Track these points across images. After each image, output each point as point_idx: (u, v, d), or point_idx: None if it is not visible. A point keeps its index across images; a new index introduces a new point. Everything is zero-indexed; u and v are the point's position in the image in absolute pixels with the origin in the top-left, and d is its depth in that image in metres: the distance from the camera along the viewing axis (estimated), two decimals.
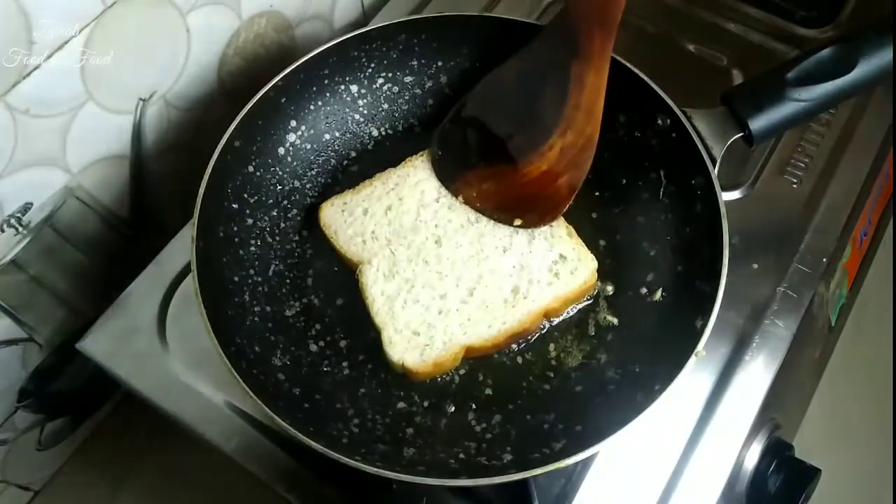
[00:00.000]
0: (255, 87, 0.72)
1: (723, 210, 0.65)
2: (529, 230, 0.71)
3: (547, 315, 0.69)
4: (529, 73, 0.71)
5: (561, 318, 0.70)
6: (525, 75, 0.71)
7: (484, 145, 0.72)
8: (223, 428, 0.70)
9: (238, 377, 0.59)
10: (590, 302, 0.70)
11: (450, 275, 0.69)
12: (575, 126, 0.68)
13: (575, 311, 0.70)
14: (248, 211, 0.72)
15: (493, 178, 0.71)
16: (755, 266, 0.75)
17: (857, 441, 1.12)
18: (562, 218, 0.72)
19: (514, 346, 0.69)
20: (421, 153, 0.75)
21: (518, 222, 0.70)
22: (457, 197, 0.72)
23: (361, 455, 0.57)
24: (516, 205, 0.71)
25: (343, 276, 0.72)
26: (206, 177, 0.68)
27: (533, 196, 0.70)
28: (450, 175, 0.73)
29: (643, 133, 0.73)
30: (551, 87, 0.69)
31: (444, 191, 0.73)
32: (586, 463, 0.67)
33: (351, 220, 0.72)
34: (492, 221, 0.71)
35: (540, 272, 0.69)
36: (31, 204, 0.72)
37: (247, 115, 0.71)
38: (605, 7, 0.65)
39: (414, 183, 0.74)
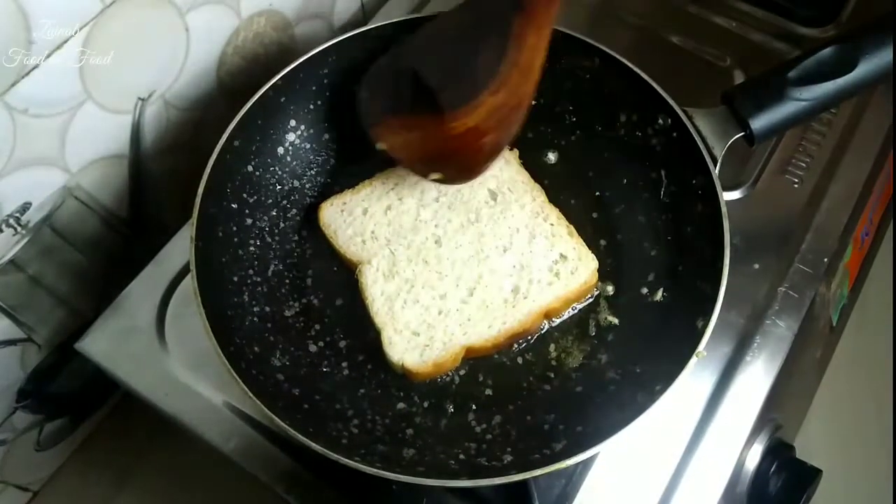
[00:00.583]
0: (254, 87, 0.72)
1: (724, 210, 0.65)
2: (530, 229, 0.70)
3: (547, 315, 0.69)
4: (469, 23, 0.67)
5: (561, 318, 0.70)
6: (464, 25, 0.68)
7: (413, 92, 0.68)
8: (222, 428, 0.69)
9: (237, 377, 0.59)
10: (590, 302, 0.70)
11: (450, 275, 0.69)
12: (509, 84, 0.65)
13: (575, 311, 0.70)
14: (247, 211, 0.72)
15: (418, 128, 0.68)
16: (756, 266, 0.75)
17: (859, 442, 1.11)
18: (562, 217, 0.71)
19: (514, 346, 0.68)
20: None
21: (434, 176, 0.69)
22: (377, 141, 0.70)
23: (361, 456, 0.57)
24: (437, 158, 0.69)
25: (343, 276, 0.72)
26: (205, 176, 0.67)
27: (455, 151, 0.68)
28: (374, 118, 0.71)
29: (644, 133, 0.72)
30: (490, 40, 0.65)
31: (444, 190, 0.73)
32: (587, 464, 0.67)
33: (350, 220, 0.72)
34: (492, 222, 0.71)
35: (540, 272, 0.69)
36: (30, 204, 0.72)
37: (246, 114, 0.71)
38: None
39: (413, 183, 0.73)
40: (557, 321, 0.70)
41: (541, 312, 0.68)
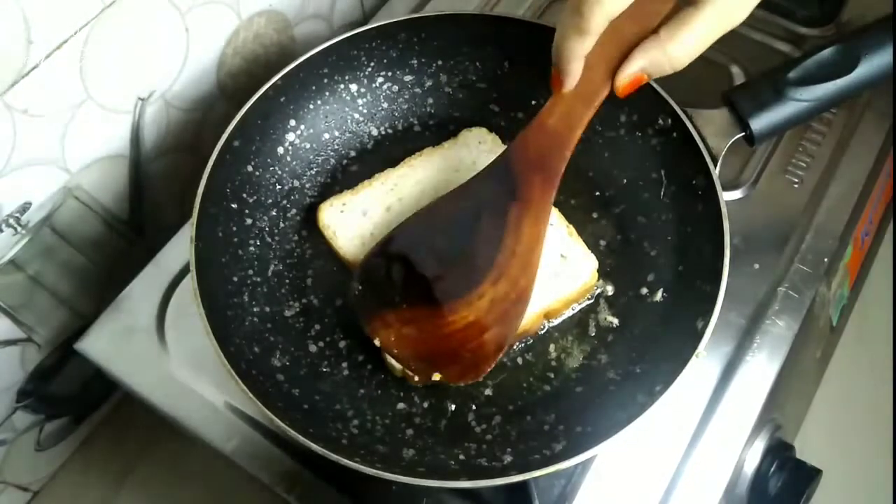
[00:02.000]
0: (254, 87, 0.72)
1: (724, 210, 0.65)
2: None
3: (547, 315, 0.69)
4: (464, 211, 0.65)
5: (561, 318, 0.70)
6: (459, 213, 0.66)
7: (408, 285, 0.65)
8: (222, 428, 0.69)
9: (237, 378, 0.59)
10: (590, 302, 0.70)
11: None
12: (508, 275, 0.63)
13: (575, 311, 0.70)
14: (247, 211, 0.72)
15: (414, 323, 0.64)
16: (756, 266, 0.75)
17: (859, 442, 1.11)
18: (562, 217, 0.71)
19: (514, 346, 0.68)
20: (420, 153, 0.75)
21: (437, 377, 0.64)
22: (373, 338, 0.65)
23: (361, 456, 0.57)
24: (436, 356, 0.64)
25: (343, 277, 0.72)
26: (204, 176, 0.67)
27: (455, 349, 0.63)
28: (368, 313, 0.66)
29: (644, 132, 0.72)
30: (486, 229, 0.64)
31: (443, 190, 0.72)
32: (587, 464, 0.67)
33: (350, 221, 0.72)
34: None
35: (540, 272, 0.68)
36: (30, 204, 0.72)
37: (246, 114, 0.71)
38: (547, 156, 0.62)
39: (413, 183, 0.73)
40: (557, 321, 0.69)
41: (541, 313, 0.67)
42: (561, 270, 0.68)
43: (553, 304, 0.68)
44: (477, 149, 0.75)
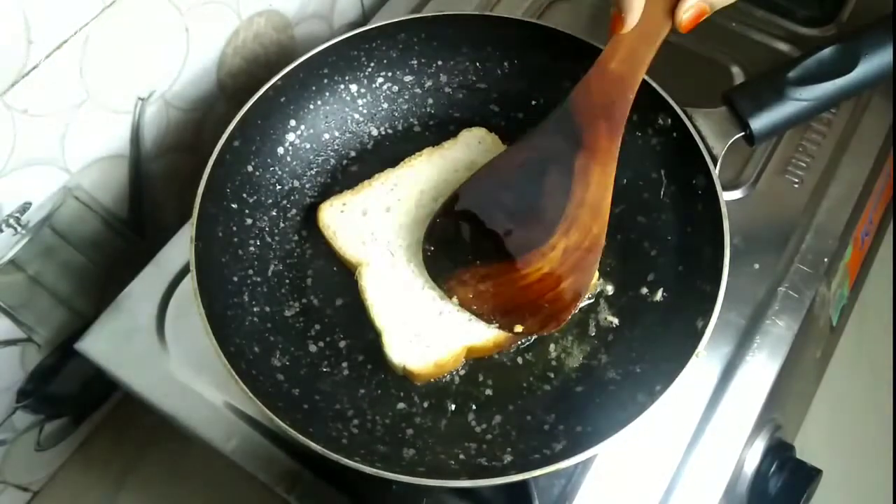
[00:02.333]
0: (254, 87, 0.72)
1: (724, 210, 0.65)
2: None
3: None
4: (529, 164, 0.66)
5: None
6: (524, 167, 0.66)
7: (479, 242, 0.66)
8: (223, 428, 0.69)
9: (237, 378, 0.59)
10: (590, 302, 0.70)
11: None
12: (579, 225, 0.63)
13: (575, 311, 0.70)
14: (247, 211, 0.72)
15: (490, 279, 0.65)
16: (756, 266, 0.75)
17: (859, 442, 1.11)
18: None
19: (514, 346, 0.68)
20: (420, 153, 0.75)
21: (519, 329, 0.65)
22: (451, 298, 0.66)
23: (361, 456, 0.57)
24: (515, 309, 0.65)
25: (342, 277, 0.72)
26: (204, 176, 0.67)
27: (533, 301, 0.65)
28: (443, 274, 0.67)
29: (644, 132, 0.72)
30: (553, 181, 0.64)
31: (443, 190, 0.73)
32: (587, 464, 0.67)
33: (350, 221, 0.72)
34: None
35: None
36: (30, 203, 0.72)
37: (246, 114, 0.71)
38: (611, 101, 0.62)
39: (413, 183, 0.73)
40: None
41: None
42: None
43: None
44: (477, 149, 0.75)
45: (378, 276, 0.69)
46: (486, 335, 0.66)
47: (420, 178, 0.74)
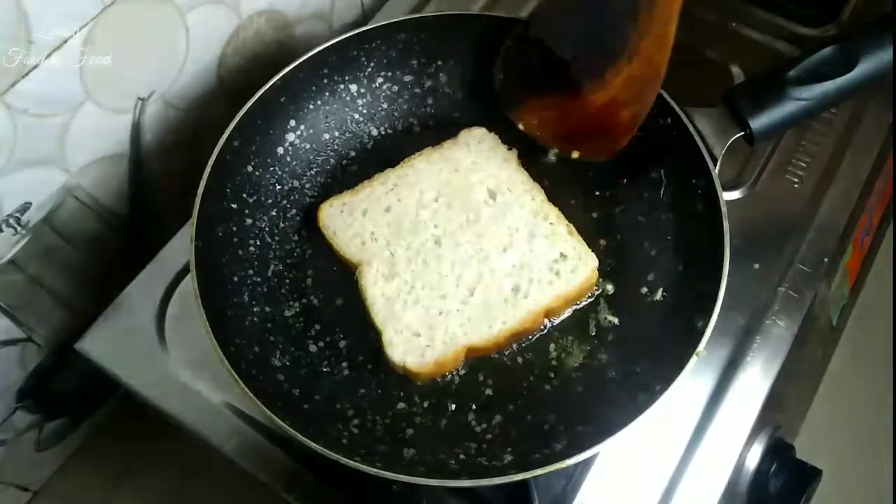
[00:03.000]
0: (254, 87, 0.72)
1: (724, 210, 0.65)
2: (529, 228, 0.70)
3: (548, 314, 0.69)
4: None
5: (561, 317, 0.70)
6: None
7: (547, 69, 0.69)
8: (223, 428, 0.69)
9: (237, 378, 0.59)
10: (590, 301, 0.70)
11: (450, 275, 0.69)
12: (642, 54, 0.65)
13: (575, 310, 0.70)
14: (247, 211, 0.72)
15: (556, 105, 0.69)
16: (756, 266, 0.75)
17: (859, 442, 1.12)
18: (562, 216, 0.71)
19: (514, 346, 0.68)
20: (420, 153, 0.75)
21: (576, 154, 0.70)
22: (518, 124, 0.71)
23: (361, 456, 0.57)
24: (576, 134, 0.70)
25: (343, 277, 0.72)
26: (204, 176, 0.67)
27: (594, 126, 0.69)
28: (513, 101, 0.72)
29: (644, 132, 0.72)
30: (619, 9, 0.65)
31: (443, 190, 0.73)
32: (587, 463, 0.67)
33: (350, 222, 0.72)
34: (491, 221, 0.71)
35: (540, 271, 0.69)
36: (30, 203, 0.72)
37: (246, 114, 0.71)
38: None
39: (413, 183, 0.73)
40: (558, 321, 0.69)
41: (541, 311, 0.68)
42: (561, 269, 0.69)
43: (553, 303, 0.68)
44: (476, 148, 0.75)
45: (378, 276, 0.69)
46: (485, 335, 0.66)
47: (420, 178, 0.74)
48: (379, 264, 0.69)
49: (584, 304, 0.70)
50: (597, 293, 0.70)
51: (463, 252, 0.70)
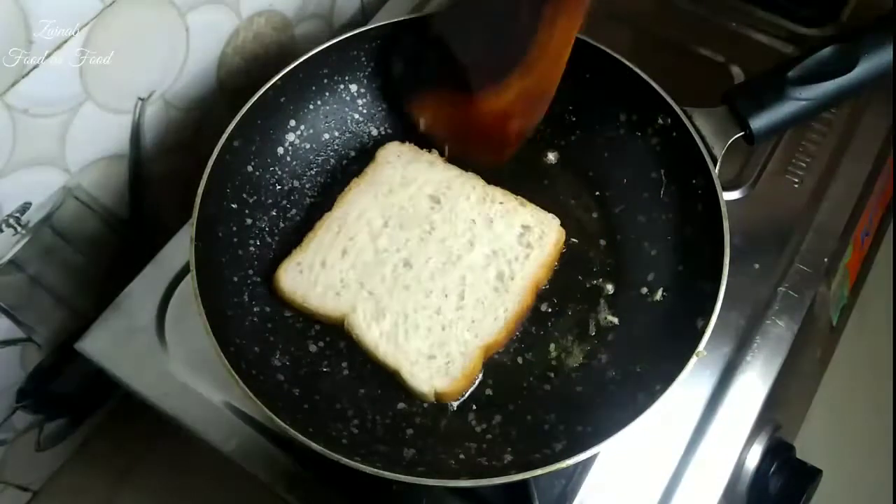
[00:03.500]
0: (254, 87, 0.72)
1: (724, 209, 0.65)
2: (484, 216, 0.71)
3: (537, 286, 0.69)
4: (501, 3, 0.69)
5: (561, 317, 0.70)
6: (497, 4, 0.69)
7: (444, 68, 0.70)
8: (223, 428, 0.69)
9: (237, 378, 0.59)
10: (590, 301, 0.70)
11: (434, 289, 0.68)
12: (537, 70, 0.66)
13: (575, 310, 0.70)
14: (247, 211, 0.72)
15: (449, 105, 0.71)
16: (756, 266, 0.75)
17: (859, 442, 1.11)
18: (508, 193, 0.73)
19: (514, 346, 0.68)
20: (347, 188, 0.74)
21: (466, 156, 0.72)
22: (416, 120, 0.73)
23: (361, 456, 0.57)
24: (467, 137, 0.71)
25: None
26: (204, 176, 0.67)
27: (482, 133, 0.70)
28: (410, 94, 0.73)
29: (644, 132, 0.72)
30: (521, 21, 0.66)
31: (387, 213, 0.72)
32: (587, 464, 0.67)
33: (314, 278, 0.69)
34: (446, 224, 0.71)
35: (513, 249, 0.69)
36: (30, 204, 0.72)
37: (246, 114, 0.71)
38: None
39: (356, 217, 0.72)
40: (557, 321, 0.69)
41: (531, 286, 0.68)
42: (531, 240, 0.70)
43: (538, 273, 0.69)
44: (399, 162, 0.75)
45: (367, 319, 0.67)
46: (493, 330, 0.66)
47: (360, 211, 0.72)
48: (363, 308, 0.67)
49: (583, 304, 0.70)
50: (597, 293, 0.70)
51: (435, 263, 0.69)
